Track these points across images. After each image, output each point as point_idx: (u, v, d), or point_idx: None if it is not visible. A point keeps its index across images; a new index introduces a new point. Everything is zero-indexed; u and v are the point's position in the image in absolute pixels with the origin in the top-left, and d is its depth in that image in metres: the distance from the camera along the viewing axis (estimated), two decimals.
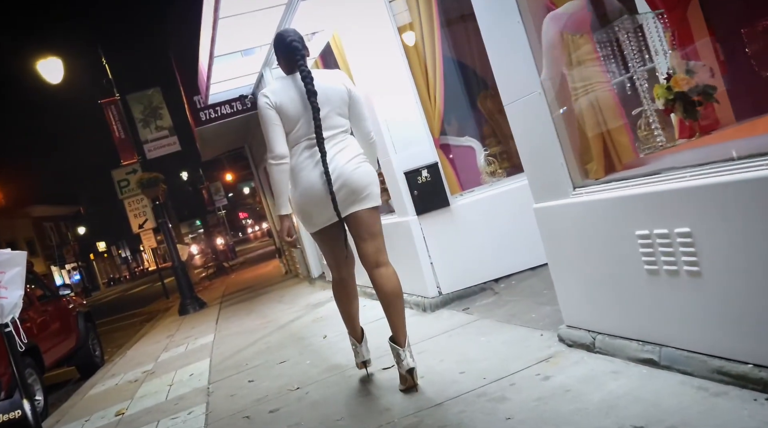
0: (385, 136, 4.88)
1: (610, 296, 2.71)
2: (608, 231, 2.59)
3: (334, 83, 3.22)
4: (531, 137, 2.96)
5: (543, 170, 2.95)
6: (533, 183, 3.08)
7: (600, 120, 2.70)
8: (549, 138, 2.82)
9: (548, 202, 2.97)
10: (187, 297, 11.77)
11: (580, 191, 2.75)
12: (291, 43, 3.19)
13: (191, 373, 5.56)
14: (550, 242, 3.06)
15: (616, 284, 2.64)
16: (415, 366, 3.14)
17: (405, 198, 4.88)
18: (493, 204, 4.90)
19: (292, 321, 6.68)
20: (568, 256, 2.94)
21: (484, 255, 4.88)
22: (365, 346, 3.67)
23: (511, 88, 2.98)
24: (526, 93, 2.87)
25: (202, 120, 9.61)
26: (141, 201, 16.19)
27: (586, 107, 2.72)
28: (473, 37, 6.20)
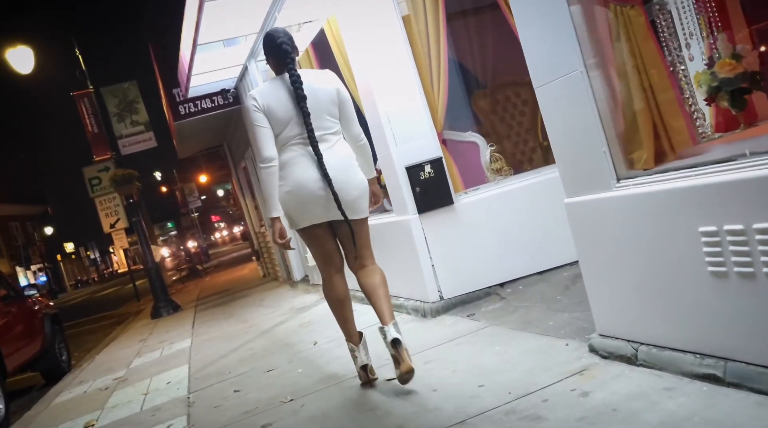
0: (386, 127, 4.55)
1: (658, 302, 2.39)
2: (662, 228, 2.28)
3: (324, 84, 3.20)
4: (568, 122, 2.64)
5: (580, 160, 2.64)
6: (566, 175, 2.77)
7: (651, 103, 2.39)
8: (590, 123, 2.50)
9: (585, 195, 2.65)
10: (160, 300, 11.27)
11: (625, 183, 2.44)
12: (281, 45, 3.18)
13: (168, 381, 5.14)
14: (585, 241, 2.74)
15: (668, 288, 2.33)
16: (398, 337, 3.04)
17: (406, 195, 4.54)
18: (499, 203, 4.59)
19: (277, 326, 6.29)
20: (606, 257, 2.62)
21: (488, 258, 4.56)
22: (364, 349, 3.40)
23: (546, 67, 2.66)
24: (564, 72, 2.55)
25: (181, 114, 9.17)
26: (113, 199, 15.63)
27: (636, 88, 2.41)
28: (474, 32, 5.94)
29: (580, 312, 3.48)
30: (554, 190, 4.58)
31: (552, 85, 2.66)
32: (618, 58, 2.44)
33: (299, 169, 3.14)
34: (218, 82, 8.74)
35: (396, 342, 3.02)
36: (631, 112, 2.43)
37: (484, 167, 5.00)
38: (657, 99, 2.38)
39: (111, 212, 15.92)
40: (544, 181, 4.60)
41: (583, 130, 2.56)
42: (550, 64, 2.63)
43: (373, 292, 3.27)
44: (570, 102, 2.58)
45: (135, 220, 11.39)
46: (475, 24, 5.98)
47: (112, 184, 10.97)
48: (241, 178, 12.68)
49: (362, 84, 4.73)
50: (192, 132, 10.37)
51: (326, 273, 3.44)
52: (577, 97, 2.53)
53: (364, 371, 3.34)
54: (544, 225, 4.56)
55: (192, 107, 9.20)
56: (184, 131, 10.12)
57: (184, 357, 6.07)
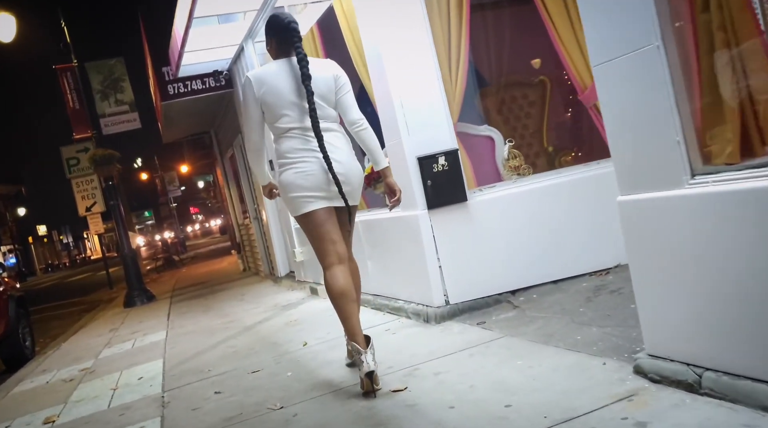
0: (398, 113, 4.16)
1: (735, 322, 2.03)
2: (747, 234, 1.92)
3: (323, 72, 3.15)
4: (632, 105, 2.28)
5: (644, 150, 2.27)
6: (624, 168, 2.40)
7: (742, 86, 2.03)
8: (663, 106, 2.14)
9: (647, 192, 2.29)
10: (134, 289, 10.76)
11: (702, 179, 2.08)
12: (289, 25, 3.13)
13: (140, 376, 4.70)
14: (642, 245, 2.37)
15: (750, 306, 1.97)
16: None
17: (415, 188, 4.16)
18: (516, 203, 4.22)
19: (260, 323, 5.87)
20: (668, 265, 2.26)
21: (500, 263, 4.20)
22: (371, 353, 2.95)
23: (612, 41, 2.29)
24: (635, 46, 2.19)
25: (169, 94, 8.70)
26: (91, 182, 15.08)
27: (724, 67, 2.05)
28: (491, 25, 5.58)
29: (611, 327, 3.12)
30: (576, 192, 4.26)
31: (617, 62, 2.29)
32: (703, 31, 2.08)
33: (302, 154, 3.10)
34: (211, 62, 8.31)
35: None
36: (715, 96, 2.08)
37: (498, 164, 4.64)
38: (750, 82, 2.02)
39: (88, 195, 15.37)
40: (565, 183, 4.25)
41: (652, 114, 2.19)
42: (617, 37, 2.26)
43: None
44: (638, 81, 2.21)
45: (113, 204, 10.87)
46: (492, 16, 5.64)
47: (92, 164, 10.45)
48: (227, 167, 12.20)
49: (374, 65, 4.34)
50: (179, 114, 9.90)
51: (328, 263, 3.18)
52: (649, 76, 2.16)
53: (369, 379, 2.92)
54: (562, 231, 4.21)
55: (181, 87, 8.74)
56: (171, 113, 9.65)
57: (158, 351, 5.62)
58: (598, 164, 4.27)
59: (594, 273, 4.18)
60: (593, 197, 4.21)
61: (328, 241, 3.17)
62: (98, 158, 10.32)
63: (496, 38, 5.56)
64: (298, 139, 3.10)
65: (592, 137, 4.88)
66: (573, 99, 5.63)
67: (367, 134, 3.23)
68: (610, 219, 4.24)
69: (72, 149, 15.04)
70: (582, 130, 5.52)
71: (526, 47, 5.61)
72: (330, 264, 3.16)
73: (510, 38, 5.58)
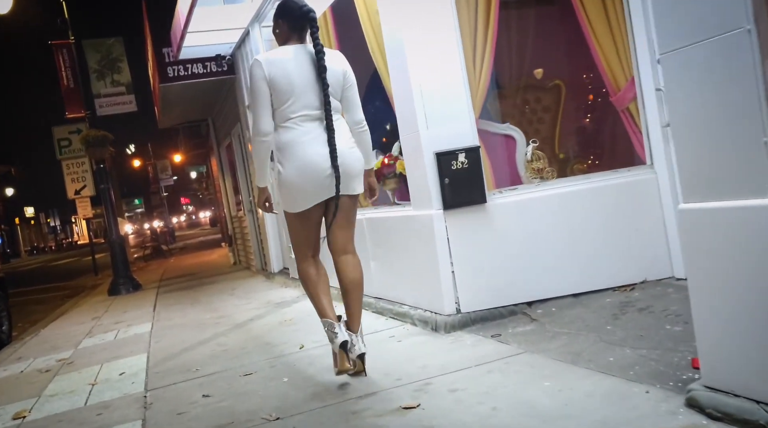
0: (417, 104, 3.86)
1: None
2: None
3: (335, 65, 3.10)
4: (708, 100, 1.98)
5: (721, 153, 1.97)
6: (691, 172, 2.10)
7: None
8: (749, 102, 1.84)
9: (720, 201, 1.99)
10: (120, 276, 10.40)
11: None
12: (308, 13, 3.05)
13: (122, 371, 4.37)
14: (706, 262, 2.07)
15: None
16: (365, 352, 3.14)
17: (431, 185, 3.86)
18: (537, 208, 3.93)
19: (253, 320, 5.54)
20: (740, 285, 1.96)
21: (517, 271, 3.90)
22: (343, 326, 3.17)
23: (688, 24, 2.00)
24: (719, 31, 1.89)
25: (168, 76, 8.36)
26: (81, 164, 14.69)
27: None
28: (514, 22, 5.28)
29: (646, 350, 2.82)
30: (603, 200, 3.95)
31: (691, 49, 1.99)
32: None
33: (302, 147, 3.02)
34: (214, 45, 8.00)
35: (363, 356, 3.12)
36: None
37: (518, 165, 4.34)
38: None
39: (78, 178, 14.96)
40: (591, 189, 3.96)
41: (733, 111, 1.90)
42: (695, 20, 1.97)
43: (353, 290, 3.23)
44: (719, 71, 1.92)
45: (103, 188, 10.50)
46: (516, 14, 5.35)
47: (84, 145, 10.07)
48: (224, 157, 11.86)
49: (394, 51, 4.04)
50: (177, 98, 9.56)
51: (303, 253, 3.30)
52: (734, 65, 1.87)
53: (343, 350, 3.05)
54: (585, 241, 3.92)
55: (182, 70, 8.40)
56: (169, 96, 9.30)
57: (142, 344, 5.28)
58: (629, 171, 3.98)
59: (617, 288, 3.89)
60: (621, 206, 3.93)
61: (307, 236, 3.26)
62: (91, 139, 9.95)
63: (520, 36, 5.27)
64: (301, 128, 3.03)
65: (616, 143, 4.60)
66: (591, 104, 5.35)
67: (366, 136, 3.27)
68: (638, 232, 4.00)
69: (64, 130, 14.64)
70: (601, 137, 5.23)
71: (549, 49, 5.32)
72: (303, 256, 3.29)
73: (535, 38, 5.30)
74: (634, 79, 4.01)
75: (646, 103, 3.92)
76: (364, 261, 5.01)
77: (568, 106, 4.96)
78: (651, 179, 3.92)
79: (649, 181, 3.92)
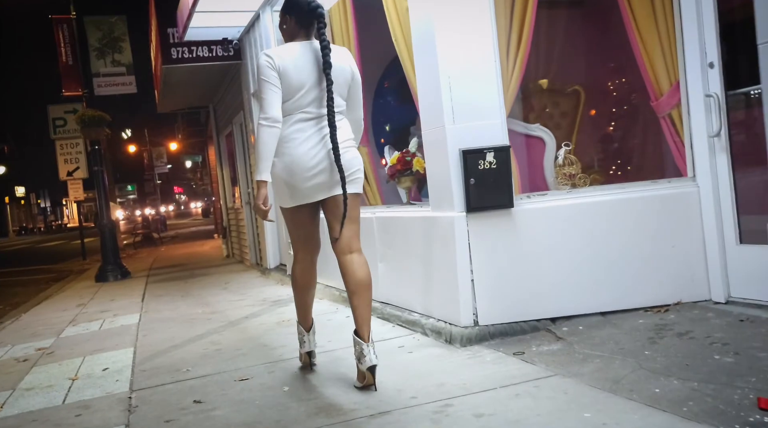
0: (444, 94, 3.56)
1: None
2: None
3: (341, 62, 3.05)
4: None
5: None
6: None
7: None
8: None
9: None
10: (109, 262, 10.04)
11: None
12: (316, 9, 3.00)
13: (105, 366, 4.05)
14: None
15: None
16: (377, 364, 2.91)
17: (454, 185, 3.55)
18: (568, 217, 3.63)
19: (248, 318, 5.22)
20: None
21: (542, 283, 3.60)
22: (313, 336, 3.41)
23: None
24: None
25: (172, 57, 8.02)
26: (76, 145, 14.35)
27: None
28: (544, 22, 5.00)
29: (697, 383, 2.52)
30: (638, 211, 3.60)
31: None
32: None
33: (295, 144, 2.98)
34: (222, 28, 7.68)
35: (373, 369, 2.90)
36: None
37: (546, 170, 4.05)
38: None
39: (71, 159, 14.63)
40: (626, 200, 3.66)
41: None
42: None
43: (361, 293, 3.03)
44: None
45: (97, 170, 10.13)
46: (556, 8, 5.06)
47: (80, 124, 9.71)
48: (223, 147, 11.52)
49: (421, 36, 3.74)
50: (179, 82, 9.21)
51: (301, 256, 3.26)
52: None
53: (309, 356, 3.41)
54: (616, 255, 3.62)
55: (186, 53, 8.06)
56: (171, 79, 8.96)
57: (128, 337, 4.95)
58: (669, 183, 3.69)
59: (649, 308, 3.60)
60: (658, 220, 3.63)
61: (305, 236, 3.22)
62: (87, 119, 9.59)
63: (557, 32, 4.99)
64: (303, 124, 3.00)
65: (651, 152, 4.31)
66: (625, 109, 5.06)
67: (360, 132, 3.29)
68: (674, 249, 3.65)
69: (60, 109, 14.29)
70: (634, 144, 4.94)
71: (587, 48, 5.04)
72: (301, 257, 3.25)
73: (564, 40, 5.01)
74: (680, 84, 3.71)
75: (692, 110, 3.63)
76: (372, 263, 4.71)
77: (598, 110, 4.67)
78: (692, 193, 3.62)
79: (689, 194, 3.63)
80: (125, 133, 28.09)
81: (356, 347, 2.93)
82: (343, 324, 4.45)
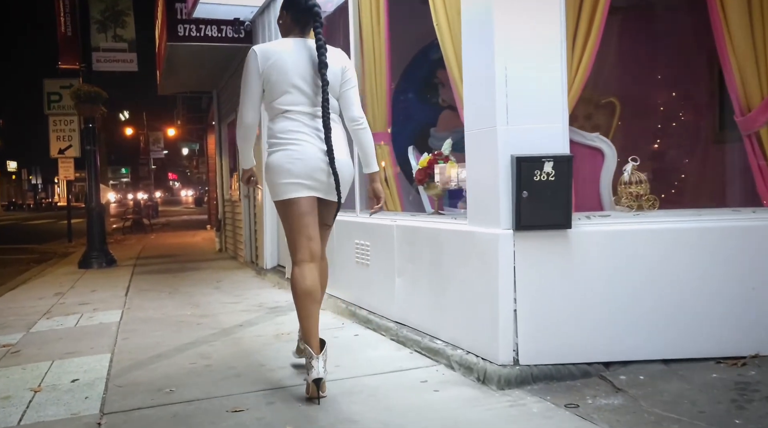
0: (498, 90, 3.02)
1: None
2: None
3: (333, 62, 2.98)
4: None
5: None
6: None
7: None
8: None
9: None
10: (95, 248, 9.45)
11: None
12: (313, 8, 2.99)
13: (76, 377, 3.48)
14: None
15: None
16: (323, 377, 2.82)
17: (502, 197, 3.01)
18: (632, 245, 3.08)
19: (242, 327, 4.66)
20: None
21: (598, 321, 3.06)
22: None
23: None
24: None
25: (178, 34, 7.45)
26: (70, 122, 13.74)
27: None
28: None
29: None
30: (714, 244, 3.00)
31: None
32: None
33: (300, 135, 2.93)
34: (234, 6, 7.13)
35: (319, 381, 2.81)
36: None
37: (602, 186, 3.51)
38: None
39: (64, 136, 14.01)
40: (701, 230, 3.10)
41: None
42: None
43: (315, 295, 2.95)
44: None
45: (89, 149, 9.54)
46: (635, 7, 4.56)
47: (74, 99, 9.10)
48: (224, 135, 10.94)
49: (474, 11, 3.19)
50: (184, 62, 8.64)
51: (299, 258, 2.99)
52: None
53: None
54: (685, 294, 3.08)
55: (193, 30, 7.50)
56: (174, 58, 8.39)
57: (106, 339, 4.38)
58: (754, 213, 3.14)
59: (722, 360, 3.05)
60: (735, 256, 3.08)
61: (304, 236, 2.99)
62: (82, 94, 9.00)
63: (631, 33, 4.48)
64: (296, 122, 2.94)
65: (728, 176, 3.79)
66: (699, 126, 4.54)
67: (366, 134, 3.11)
68: (755, 292, 3.02)
69: (56, 83, 13.68)
70: (705, 166, 4.42)
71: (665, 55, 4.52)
72: (301, 261, 2.98)
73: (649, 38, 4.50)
74: None
75: None
76: (388, 275, 4.16)
77: (666, 125, 4.15)
78: None
79: None
80: (123, 114, 27.36)
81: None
82: (352, 345, 3.91)
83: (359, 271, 4.68)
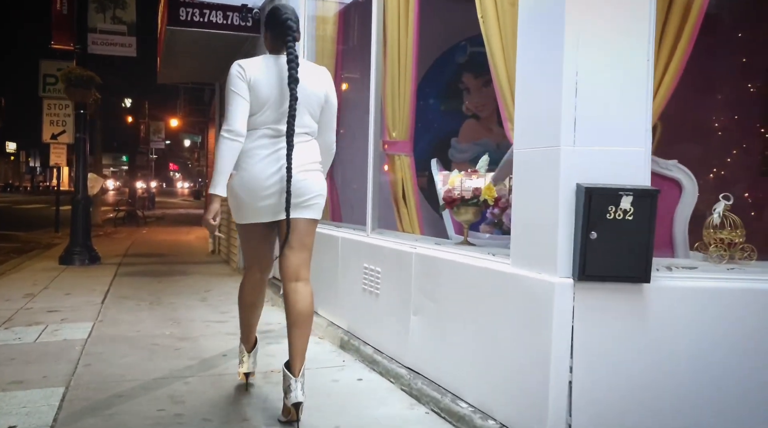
0: (565, 102, 2.37)
1: None
2: None
3: (316, 82, 2.95)
4: None
5: None
6: None
7: None
8: None
9: None
10: (78, 243, 8.78)
11: None
12: (286, 21, 2.91)
13: (25, 407, 2.82)
14: None
15: None
16: (302, 401, 2.71)
17: (561, 236, 2.36)
18: (722, 307, 2.43)
19: (226, 357, 3.99)
20: None
21: (673, 400, 2.40)
22: (254, 357, 3.34)
23: None
24: None
25: (180, 18, 6.78)
26: (65, 107, 13.12)
27: None
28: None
29: None
30: None
31: None
32: None
33: (254, 160, 2.84)
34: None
35: (299, 406, 2.72)
36: None
37: (677, 226, 2.85)
38: None
39: (58, 121, 13.41)
40: None
41: None
42: None
43: (300, 324, 2.85)
44: None
45: (79, 137, 8.88)
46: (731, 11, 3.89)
47: (65, 82, 8.44)
48: None
49: (539, 11, 2.54)
50: (184, 49, 7.97)
51: (251, 272, 3.15)
52: None
53: (246, 377, 3.34)
54: None
55: (197, 15, 6.84)
56: (175, 44, 7.72)
57: (64, 366, 3.72)
58: None
59: None
60: None
61: (257, 255, 3.11)
62: (74, 78, 8.34)
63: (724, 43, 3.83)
64: (266, 140, 2.87)
65: None
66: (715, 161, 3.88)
67: (332, 156, 3.22)
68: None
69: (53, 65, 13.06)
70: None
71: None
72: (251, 273, 3.15)
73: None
74: None
75: None
76: (402, 312, 3.51)
77: (747, 154, 3.50)
78: None
79: None
80: (125, 103, 26.68)
81: (285, 380, 2.78)
82: (355, 395, 3.27)
83: (366, 300, 4.03)
